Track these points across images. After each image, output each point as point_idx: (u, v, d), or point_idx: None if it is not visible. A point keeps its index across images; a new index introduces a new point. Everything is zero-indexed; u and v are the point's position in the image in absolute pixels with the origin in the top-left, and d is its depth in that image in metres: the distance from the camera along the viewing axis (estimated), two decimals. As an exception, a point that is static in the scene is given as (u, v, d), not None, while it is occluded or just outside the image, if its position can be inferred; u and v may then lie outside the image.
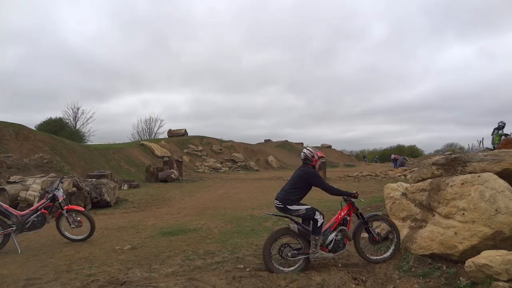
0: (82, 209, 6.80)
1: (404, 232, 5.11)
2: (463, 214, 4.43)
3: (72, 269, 4.83)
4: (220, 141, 37.58)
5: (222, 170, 30.42)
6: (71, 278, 4.46)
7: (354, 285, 4.24)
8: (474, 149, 19.29)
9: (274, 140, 48.75)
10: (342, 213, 4.90)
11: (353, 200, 4.93)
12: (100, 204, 10.87)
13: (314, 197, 11.62)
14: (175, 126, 53.79)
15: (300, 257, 4.62)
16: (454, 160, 5.37)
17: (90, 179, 12.15)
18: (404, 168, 25.41)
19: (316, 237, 4.59)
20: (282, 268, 4.54)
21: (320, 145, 51.52)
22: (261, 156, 36.94)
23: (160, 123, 46.96)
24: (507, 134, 12.86)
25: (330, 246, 4.72)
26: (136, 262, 5.05)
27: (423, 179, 5.60)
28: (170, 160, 23.92)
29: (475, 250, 4.06)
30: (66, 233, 6.48)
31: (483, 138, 17.03)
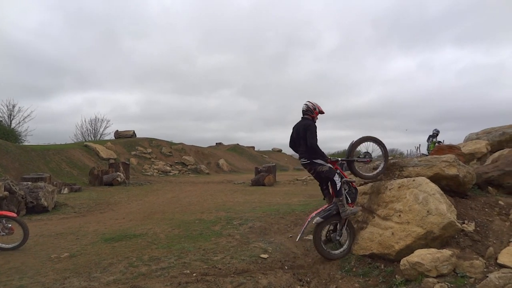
0: (14, 214, 6.26)
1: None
2: (400, 215, 4.73)
3: (0, 281, 4.42)
4: (170, 144, 36.67)
5: (171, 173, 29.70)
6: (-2, 290, 4.09)
7: (299, 287, 4.35)
8: (412, 155, 20.75)
9: (225, 143, 48.56)
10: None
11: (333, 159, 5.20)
12: (36, 209, 10.08)
13: (263, 200, 11.77)
14: (123, 127, 51.52)
15: (344, 228, 5.07)
16: (392, 165, 5.73)
17: (25, 183, 11.23)
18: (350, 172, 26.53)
19: (340, 198, 5.00)
20: (337, 252, 5.05)
21: (271, 149, 52.27)
22: (212, 159, 36.61)
23: (107, 123, 44.63)
24: (440, 142, 14.06)
25: (349, 200, 5.14)
26: (74, 270, 4.75)
27: (365, 183, 5.91)
28: (116, 162, 22.86)
29: (409, 249, 4.35)
30: (-5, 242, 5.93)
31: (419, 145, 18.41)
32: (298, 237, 5.21)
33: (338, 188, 5.00)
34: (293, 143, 5.43)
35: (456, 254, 4.13)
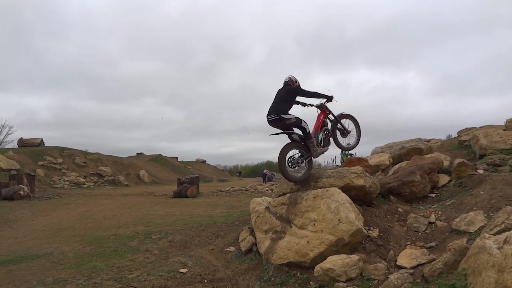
0: None
1: (266, 244, 5.46)
2: (314, 224, 5.01)
3: None
4: (85, 153, 33.91)
5: (86, 186, 27.43)
6: None
7: (218, 300, 4.31)
8: (328, 166, 22.18)
9: (147, 153, 46.53)
10: (321, 118, 6.16)
11: (326, 104, 6.15)
12: None
13: (185, 212, 11.50)
14: (30, 134, 46.39)
15: (306, 160, 5.77)
16: (309, 176, 6.05)
17: None
18: (272, 183, 27.31)
19: (311, 140, 5.73)
20: (297, 175, 5.74)
21: (194, 160, 51.52)
22: (132, 170, 34.71)
23: (9, 130, 39.62)
24: (352, 154, 15.26)
25: (322, 143, 6.07)
26: (-42, 301, 4.09)
27: (284, 194, 6.13)
28: (19, 173, 20.39)
29: (323, 256, 4.60)
30: None
31: (335, 157, 19.76)
32: (276, 134, 5.84)
33: (307, 131, 5.69)
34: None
35: (363, 259, 4.49)
